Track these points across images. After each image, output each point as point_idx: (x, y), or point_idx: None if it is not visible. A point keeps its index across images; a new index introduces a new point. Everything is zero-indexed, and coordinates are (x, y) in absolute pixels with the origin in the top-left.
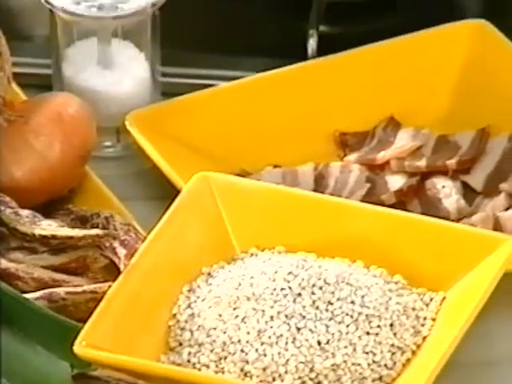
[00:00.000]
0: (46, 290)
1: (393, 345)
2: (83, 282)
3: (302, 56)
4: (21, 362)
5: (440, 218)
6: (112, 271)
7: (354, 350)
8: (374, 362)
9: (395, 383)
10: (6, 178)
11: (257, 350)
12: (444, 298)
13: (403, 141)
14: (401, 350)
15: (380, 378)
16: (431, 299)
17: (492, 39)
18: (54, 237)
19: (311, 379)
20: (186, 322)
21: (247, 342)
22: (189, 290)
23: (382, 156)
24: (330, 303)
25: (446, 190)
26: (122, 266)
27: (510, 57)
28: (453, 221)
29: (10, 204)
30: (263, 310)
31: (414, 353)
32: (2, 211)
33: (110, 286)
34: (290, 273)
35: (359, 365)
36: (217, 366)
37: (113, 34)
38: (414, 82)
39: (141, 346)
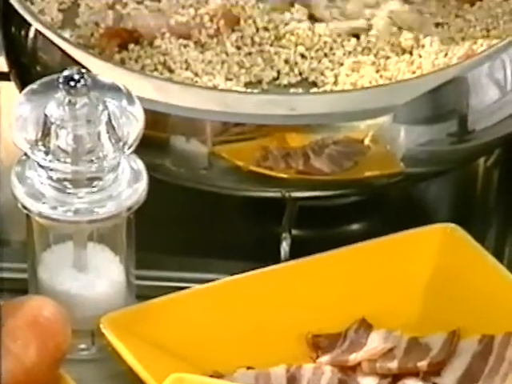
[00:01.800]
0: None
1: None
2: None
3: (275, 259)
4: None
5: None
6: None
7: None
8: None
9: None
10: None
11: None
12: None
13: (375, 343)
14: None
15: None
16: None
17: (462, 243)
18: None
19: None
20: None
21: None
22: None
23: (353, 358)
24: None
25: None
26: None
27: (479, 260)
28: None
29: None
30: None
31: None
32: None
33: None
34: None
35: None
36: None
37: (88, 238)
38: (385, 285)
39: None
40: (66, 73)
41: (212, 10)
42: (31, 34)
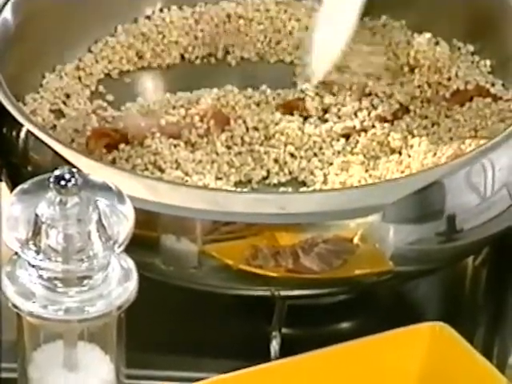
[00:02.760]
0: None
1: None
2: None
3: (265, 357)
4: None
5: None
6: None
7: None
8: None
9: None
10: None
11: None
12: None
13: None
14: None
15: None
16: None
17: (450, 341)
18: None
19: None
20: None
21: None
22: None
23: None
24: None
25: None
26: None
27: (468, 359)
28: None
29: None
30: None
31: None
32: None
33: None
34: None
35: None
36: None
37: (79, 337)
38: (374, 383)
39: None
40: (56, 172)
41: (202, 110)
42: (23, 134)
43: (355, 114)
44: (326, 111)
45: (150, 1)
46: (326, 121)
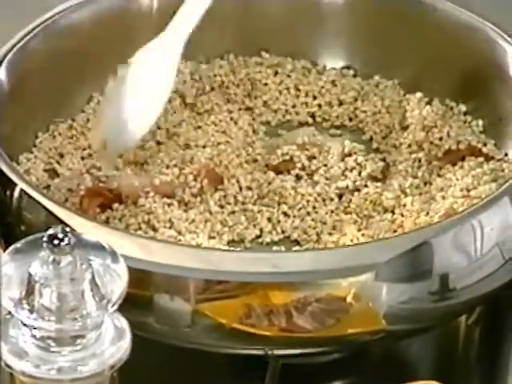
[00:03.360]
0: None
1: None
2: None
3: None
4: None
5: None
6: None
7: None
8: None
9: None
10: None
11: None
12: None
13: None
14: None
15: None
16: None
17: None
18: None
19: None
20: None
21: None
22: None
23: None
24: None
25: None
26: None
27: None
28: None
29: None
30: None
31: None
32: None
33: None
34: None
35: None
36: None
37: None
38: None
39: None
40: (50, 232)
41: (196, 170)
42: (16, 193)
43: (343, 175)
44: (312, 173)
45: None
46: (316, 182)
